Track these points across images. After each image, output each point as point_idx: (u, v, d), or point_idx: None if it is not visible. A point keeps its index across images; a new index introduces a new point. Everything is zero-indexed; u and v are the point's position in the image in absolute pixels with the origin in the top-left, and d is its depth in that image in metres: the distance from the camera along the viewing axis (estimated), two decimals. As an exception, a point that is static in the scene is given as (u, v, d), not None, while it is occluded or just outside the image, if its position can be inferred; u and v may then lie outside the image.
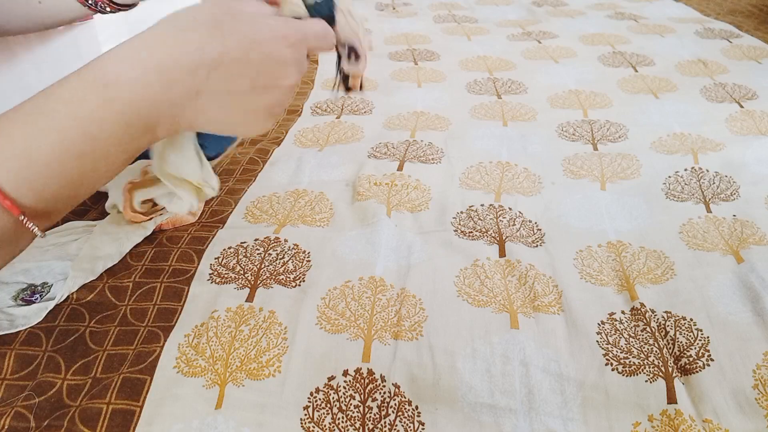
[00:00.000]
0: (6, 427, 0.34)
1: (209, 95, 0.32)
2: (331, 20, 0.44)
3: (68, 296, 0.43)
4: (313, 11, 0.43)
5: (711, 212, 0.53)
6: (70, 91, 0.30)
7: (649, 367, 0.37)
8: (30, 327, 0.40)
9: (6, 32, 0.52)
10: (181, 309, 0.42)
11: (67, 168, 0.31)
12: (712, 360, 0.38)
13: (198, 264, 0.47)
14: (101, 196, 0.52)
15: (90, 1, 0.49)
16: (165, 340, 0.39)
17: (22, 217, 0.30)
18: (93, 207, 0.54)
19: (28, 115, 0.29)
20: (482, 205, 0.55)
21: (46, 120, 0.29)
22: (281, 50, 0.33)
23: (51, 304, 0.42)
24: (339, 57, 0.46)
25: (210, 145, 0.49)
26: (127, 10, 0.52)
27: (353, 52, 0.45)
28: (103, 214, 0.52)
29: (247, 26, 0.32)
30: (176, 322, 0.40)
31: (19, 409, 0.34)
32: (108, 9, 0.51)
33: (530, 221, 0.53)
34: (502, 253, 0.48)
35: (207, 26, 0.31)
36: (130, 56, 0.31)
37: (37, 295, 0.44)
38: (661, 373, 0.37)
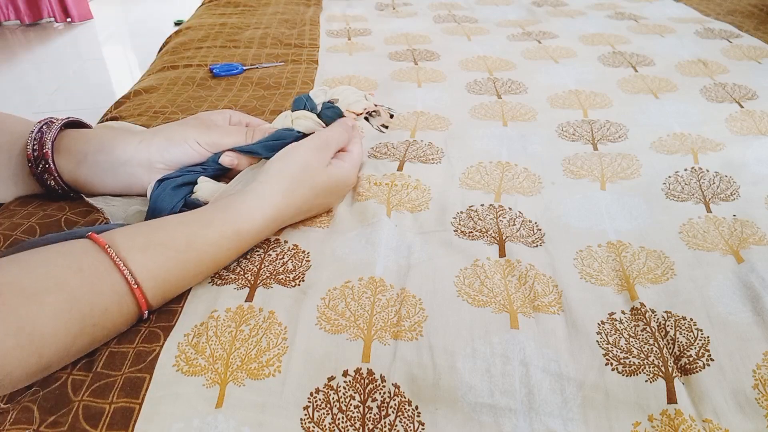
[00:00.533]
0: (13, 419, 0.34)
1: (299, 216, 0.50)
2: (340, 114, 0.58)
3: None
4: (324, 118, 0.56)
5: (711, 212, 0.53)
6: (214, 236, 0.42)
7: (649, 367, 0.37)
8: None
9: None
10: (181, 309, 0.42)
11: (193, 282, 0.43)
12: (712, 360, 0.38)
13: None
14: None
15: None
16: (165, 339, 0.39)
17: (146, 312, 0.39)
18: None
19: (180, 252, 0.40)
20: (482, 205, 0.55)
21: (194, 254, 0.41)
22: (329, 183, 0.51)
23: None
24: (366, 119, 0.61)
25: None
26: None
27: (369, 114, 0.61)
28: None
29: (314, 180, 0.49)
30: (176, 322, 0.40)
31: (27, 403, 0.35)
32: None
33: (530, 221, 0.53)
34: (502, 253, 0.48)
35: (295, 187, 0.47)
36: (255, 211, 0.44)
37: None
38: (661, 373, 0.37)
